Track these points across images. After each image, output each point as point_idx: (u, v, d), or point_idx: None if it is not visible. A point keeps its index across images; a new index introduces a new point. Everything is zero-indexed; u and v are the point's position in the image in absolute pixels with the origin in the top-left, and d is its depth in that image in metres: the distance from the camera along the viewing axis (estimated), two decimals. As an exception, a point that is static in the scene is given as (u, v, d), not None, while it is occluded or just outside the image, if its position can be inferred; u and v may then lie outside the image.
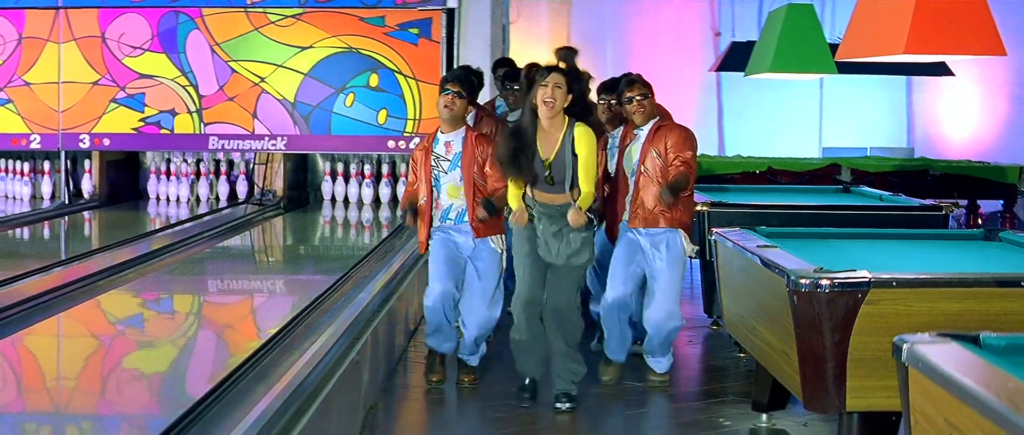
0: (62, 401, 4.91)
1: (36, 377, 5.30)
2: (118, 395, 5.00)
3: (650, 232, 6.36)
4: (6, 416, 4.47)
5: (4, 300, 6.37)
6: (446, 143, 6.28)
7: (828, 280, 4.35)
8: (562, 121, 5.94)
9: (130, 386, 5.14)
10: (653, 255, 6.38)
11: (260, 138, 11.31)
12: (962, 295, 4.35)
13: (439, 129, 6.33)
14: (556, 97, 5.88)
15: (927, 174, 12.35)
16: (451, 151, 6.27)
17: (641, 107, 6.42)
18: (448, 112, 6.23)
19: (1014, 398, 2.47)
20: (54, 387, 5.12)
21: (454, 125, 6.29)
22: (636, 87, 6.48)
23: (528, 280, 6.06)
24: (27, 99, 11.47)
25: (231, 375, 4.81)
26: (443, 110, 6.24)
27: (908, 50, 4.73)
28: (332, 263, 8.94)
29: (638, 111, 6.42)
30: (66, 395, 5.00)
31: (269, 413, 4.32)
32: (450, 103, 6.22)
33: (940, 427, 2.81)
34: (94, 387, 5.11)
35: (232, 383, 4.74)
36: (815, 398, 4.45)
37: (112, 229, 10.88)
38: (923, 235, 6.28)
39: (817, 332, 4.37)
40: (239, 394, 4.62)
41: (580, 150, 5.88)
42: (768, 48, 8.07)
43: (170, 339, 6.29)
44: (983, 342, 3.11)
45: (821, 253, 5.10)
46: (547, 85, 5.90)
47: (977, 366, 2.79)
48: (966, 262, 5.23)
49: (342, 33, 11.17)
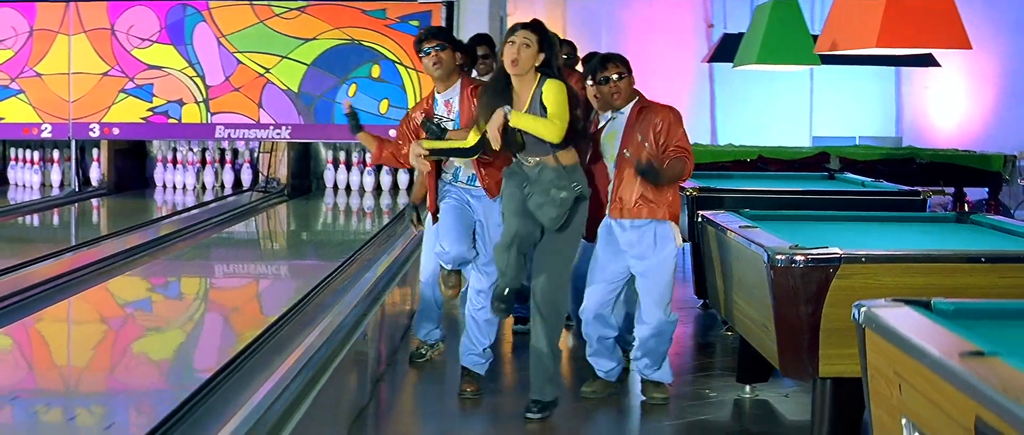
0: (74, 381, 4.96)
1: (48, 359, 5.38)
2: (129, 375, 5.04)
3: (634, 224, 5.72)
4: (20, 397, 4.51)
5: (17, 284, 6.45)
6: (446, 103, 6.06)
7: (802, 256, 4.70)
8: (533, 79, 5.43)
9: (141, 366, 5.20)
10: (638, 250, 5.74)
11: (265, 127, 11.57)
12: (927, 270, 4.69)
13: (434, 90, 6.11)
14: (522, 55, 5.36)
15: (913, 162, 12.58)
16: (451, 109, 6.05)
17: (617, 88, 5.75)
18: (437, 69, 5.97)
19: (948, 348, 2.82)
20: (66, 368, 5.18)
21: (448, 81, 6.04)
22: (613, 65, 5.78)
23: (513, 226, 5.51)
24: (38, 89, 11.73)
25: (240, 354, 4.87)
26: (433, 69, 5.98)
27: (880, 44, 5.06)
28: (335, 248, 9.05)
29: (615, 92, 5.75)
30: (77, 376, 5.06)
31: (281, 386, 4.39)
32: (436, 59, 5.96)
33: (890, 378, 3.17)
34: (105, 368, 5.15)
35: (242, 361, 4.80)
36: (791, 366, 4.80)
37: (120, 216, 11.04)
38: (900, 218, 6.60)
39: (792, 304, 4.72)
40: (249, 371, 4.70)
41: (547, 99, 5.35)
42: (755, 40, 8.36)
43: (179, 321, 6.36)
44: (934, 307, 3.45)
45: (800, 233, 5.39)
46: (514, 42, 5.40)
47: (922, 324, 3.14)
48: (935, 242, 5.54)
49: (345, 25, 11.40)
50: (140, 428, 3.84)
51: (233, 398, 4.28)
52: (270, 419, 4.11)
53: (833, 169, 10.91)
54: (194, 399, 4.20)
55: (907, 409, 3.06)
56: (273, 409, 4.18)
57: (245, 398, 4.24)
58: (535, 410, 5.58)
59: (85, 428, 4.15)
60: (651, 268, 5.73)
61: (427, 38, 6.02)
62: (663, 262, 5.71)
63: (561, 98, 5.33)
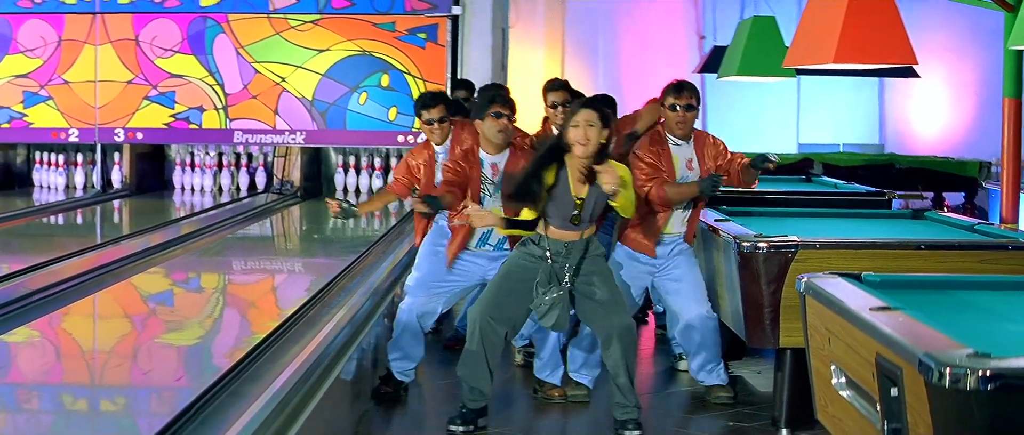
0: (98, 372, 5.09)
1: (74, 351, 5.52)
2: (151, 366, 5.17)
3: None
4: (47, 386, 4.68)
5: (45, 280, 6.63)
6: (492, 164, 6.02)
7: (765, 243, 5.44)
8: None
9: (163, 358, 5.34)
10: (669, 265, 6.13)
11: (281, 133, 12.06)
12: (873, 255, 5.41)
13: (482, 148, 6.01)
14: (590, 137, 5.34)
15: (893, 168, 13.04)
16: (497, 173, 6.01)
17: (683, 118, 6.07)
18: (502, 136, 5.96)
19: (863, 305, 3.55)
20: (91, 360, 5.32)
21: (502, 147, 6.03)
22: (688, 93, 6.08)
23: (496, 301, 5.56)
24: (66, 96, 12.20)
25: (259, 344, 4.99)
26: (497, 135, 5.94)
27: (836, 60, 5.77)
28: (346, 247, 9.18)
29: (681, 121, 6.07)
30: (102, 367, 5.18)
31: (300, 373, 4.59)
32: (504, 127, 5.95)
33: (823, 333, 3.90)
34: (128, 359, 5.28)
35: (260, 353, 4.91)
36: (756, 337, 5.53)
37: (142, 216, 11.44)
38: (862, 215, 7.33)
39: (757, 285, 5.45)
40: (269, 360, 4.82)
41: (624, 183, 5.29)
42: (736, 54, 9.05)
43: (200, 314, 6.58)
44: (864, 279, 4.18)
45: (768, 226, 6.07)
46: (578, 126, 5.36)
47: (849, 290, 3.87)
48: (888, 233, 6.21)
49: (356, 37, 11.92)
50: (161, 418, 3.88)
51: (252, 386, 4.40)
52: (290, 402, 4.29)
53: (814, 173, 11.53)
54: (217, 386, 4.29)
55: (835, 356, 3.79)
56: (292, 395, 4.35)
57: (265, 385, 4.38)
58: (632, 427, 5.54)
59: (110, 414, 4.31)
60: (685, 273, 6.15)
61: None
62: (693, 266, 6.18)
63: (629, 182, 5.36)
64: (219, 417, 4.03)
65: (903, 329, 3.19)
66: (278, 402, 4.21)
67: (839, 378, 3.76)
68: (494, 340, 5.55)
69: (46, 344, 5.64)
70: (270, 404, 4.15)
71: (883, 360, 3.20)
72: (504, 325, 5.56)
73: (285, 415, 4.25)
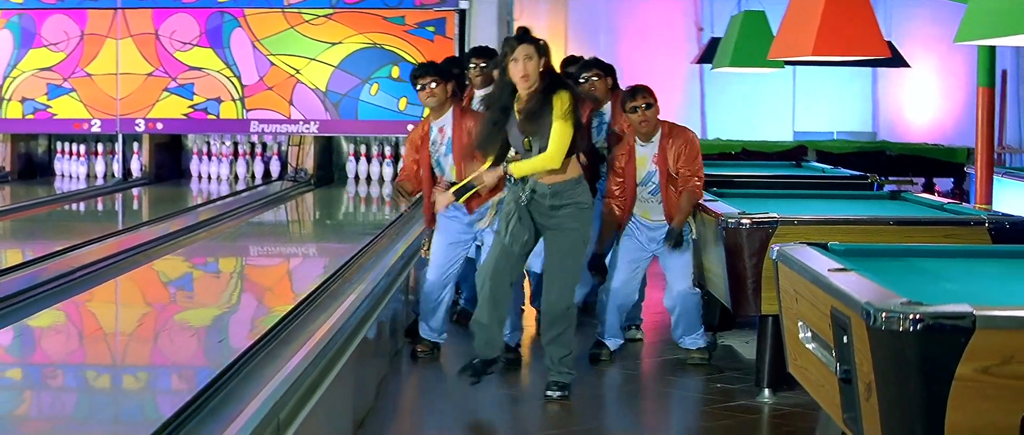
0: (120, 354, 5.13)
1: (97, 333, 5.56)
2: (172, 346, 5.22)
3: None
4: (71, 366, 4.74)
5: (68, 265, 6.64)
6: (439, 129, 6.65)
7: (748, 220, 5.97)
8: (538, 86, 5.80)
9: (183, 339, 5.38)
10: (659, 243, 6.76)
11: (295, 122, 12.34)
12: (846, 230, 5.93)
13: (429, 118, 6.69)
14: (529, 69, 5.75)
15: (884, 155, 13.49)
16: (444, 136, 6.63)
17: (645, 117, 6.55)
18: (433, 100, 6.59)
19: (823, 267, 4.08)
20: (113, 341, 5.36)
21: (441, 110, 6.64)
22: (641, 95, 6.53)
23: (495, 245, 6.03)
24: (88, 88, 12.47)
25: (274, 326, 5.03)
26: (428, 101, 6.62)
27: (814, 53, 6.29)
28: (358, 232, 9.25)
29: (644, 121, 6.55)
30: (124, 348, 5.23)
31: (314, 352, 4.66)
32: (429, 95, 6.58)
33: (792, 295, 4.43)
34: (148, 342, 5.33)
35: (277, 333, 4.96)
36: (740, 305, 6.07)
37: (161, 203, 11.50)
38: (844, 196, 7.83)
39: (740, 258, 5.98)
40: (284, 342, 4.86)
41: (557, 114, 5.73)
42: (729, 46, 9.50)
43: (218, 298, 6.66)
44: (830, 247, 4.70)
45: (753, 205, 6.55)
46: (517, 59, 5.76)
47: (814, 256, 4.39)
48: (864, 211, 6.68)
49: (367, 31, 12.20)
50: (182, 396, 3.92)
51: (268, 366, 4.45)
52: (303, 384, 4.37)
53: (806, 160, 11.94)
54: (233, 367, 4.33)
55: (801, 314, 4.33)
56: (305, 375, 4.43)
57: (280, 366, 4.44)
58: (555, 389, 6.08)
59: (131, 393, 4.35)
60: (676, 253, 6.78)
61: (421, 75, 6.71)
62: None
63: (567, 112, 5.73)
64: (237, 394, 4.09)
65: (853, 285, 3.72)
66: (295, 380, 4.34)
67: (805, 333, 4.28)
68: (500, 283, 6.01)
69: (70, 327, 5.68)
70: (286, 381, 4.28)
71: (836, 312, 3.73)
72: (505, 273, 6.01)
73: (302, 391, 4.38)
